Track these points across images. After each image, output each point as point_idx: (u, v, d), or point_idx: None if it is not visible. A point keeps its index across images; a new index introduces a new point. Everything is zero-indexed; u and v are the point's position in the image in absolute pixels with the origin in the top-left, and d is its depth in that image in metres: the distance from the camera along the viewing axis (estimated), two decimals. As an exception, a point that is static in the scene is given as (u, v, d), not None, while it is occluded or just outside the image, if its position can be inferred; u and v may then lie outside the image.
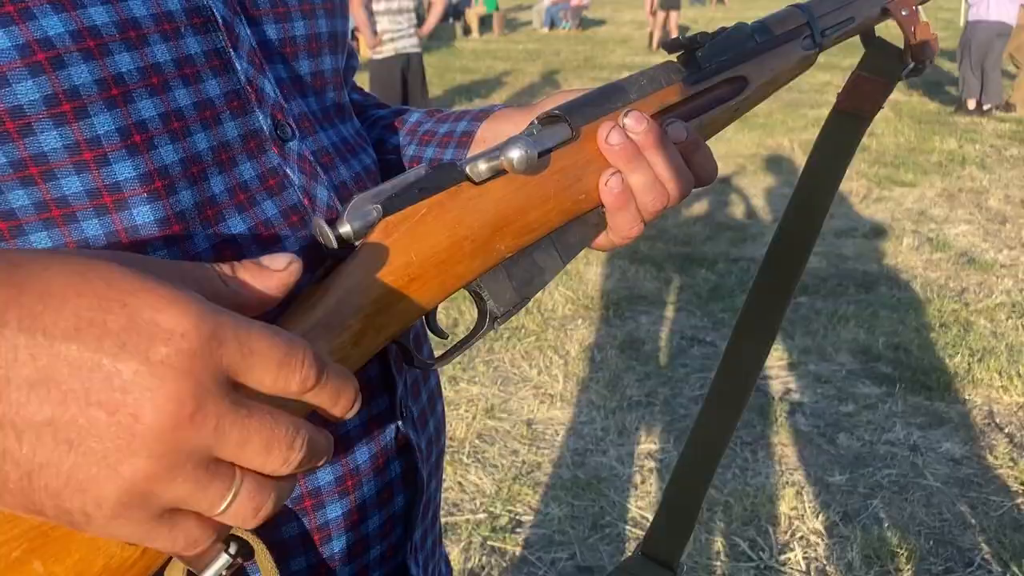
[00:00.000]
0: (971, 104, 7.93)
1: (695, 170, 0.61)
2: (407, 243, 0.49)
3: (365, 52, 6.69)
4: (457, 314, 3.62)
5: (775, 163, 6.41)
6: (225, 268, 0.40)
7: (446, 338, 0.58)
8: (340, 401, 0.39)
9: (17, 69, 0.44)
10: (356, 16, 5.71)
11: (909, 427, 2.85)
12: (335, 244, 0.47)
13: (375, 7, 5.58)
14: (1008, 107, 8.05)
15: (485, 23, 16.82)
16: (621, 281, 4.20)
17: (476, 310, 0.56)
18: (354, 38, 12.85)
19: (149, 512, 0.34)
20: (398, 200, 0.49)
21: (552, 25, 17.39)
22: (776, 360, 3.35)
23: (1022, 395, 3.04)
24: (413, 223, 0.49)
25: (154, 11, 0.48)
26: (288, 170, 0.56)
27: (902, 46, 0.75)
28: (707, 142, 0.64)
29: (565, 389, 3.15)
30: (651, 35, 13.68)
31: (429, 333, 0.60)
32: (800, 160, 6.44)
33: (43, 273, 0.33)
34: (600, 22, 18.65)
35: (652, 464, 2.68)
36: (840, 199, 5.46)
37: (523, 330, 3.63)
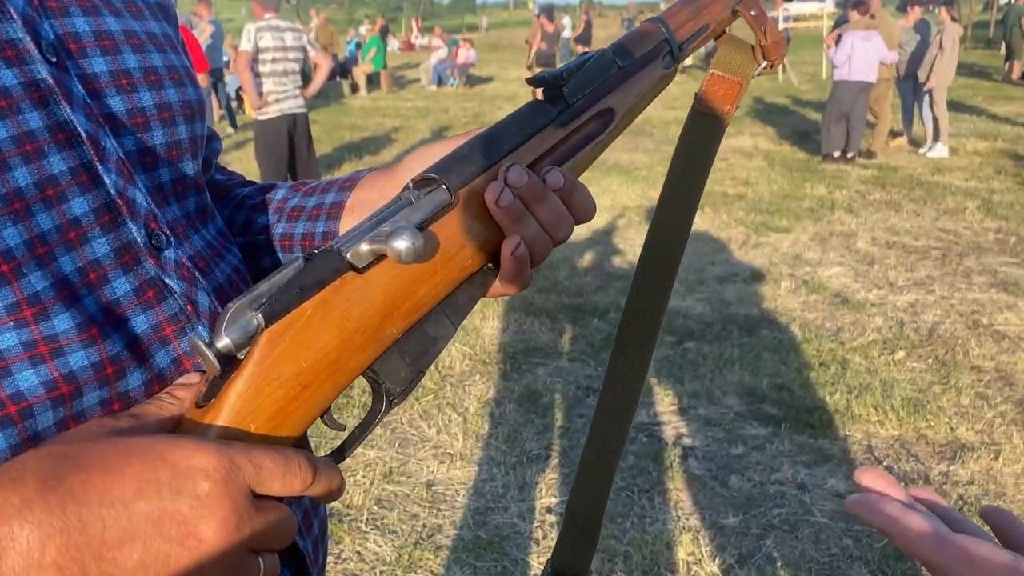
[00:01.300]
0: (835, 153, 8.47)
1: (574, 211, 0.60)
2: (295, 351, 0.46)
3: (251, 113, 6.62)
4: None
5: (660, 213, 6.64)
6: (167, 398, 0.50)
7: (342, 429, 0.54)
8: (332, 490, 0.49)
9: None
10: (242, 78, 5.66)
11: (796, 465, 2.96)
12: (216, 363, 0.45)
13: (261, 69, 5.54)
14: (870, 154, 8.63)
15: (373, 81, 16.90)
16: (517, 334, 4.24)
17: (370, 392, 0.54)
18: (239, 98, 12.67)
19: None
20: (278, 304, 0.46)
21: (440, 83, 17.64)
22: (668, 406, 3.43)
23: (896, 428, 3.21)
24: (299, 328, 0.46)
25: (15, 132, 0.47)
26: (167, 279, 0.55)
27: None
28: (590, 190, 0.62)
29: (464, 447, 3.13)
30: (534, 92, 14.05)
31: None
32: (683, 209, 6.70)
33: (95, 457, 0.42)
34: (487, 79, 19.05)
35: (553, 519, 2.68)
36: (721, 246, 5.70)
37: (421, 389, 3.60)
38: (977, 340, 4.04)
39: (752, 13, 0.72)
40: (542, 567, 2.55)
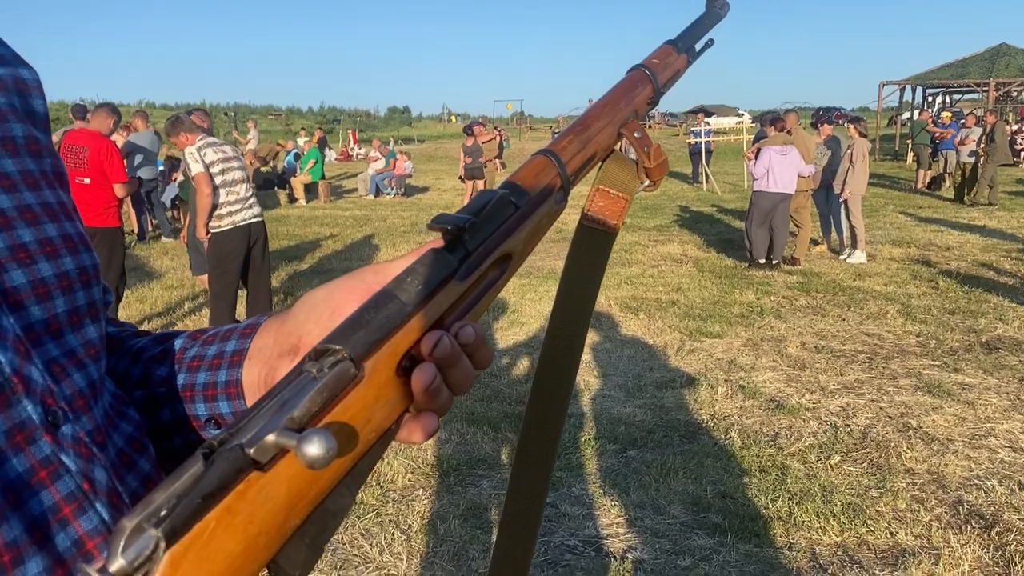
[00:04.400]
0: (761, 260, 8.81)
1: (476, 362, 0.58)
2: (198, 568, 0.42)
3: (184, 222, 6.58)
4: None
5: (596, 320, 6.75)
6: None
7: None
8: None
9: None
10: (204, 203, 5.54)
11: (743, 576, 2.95)
12: None
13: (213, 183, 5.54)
14: (793, 261, 9.00)
15: (311, 191, 17.04)
16: (460, 445, 4.19)
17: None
18: (175, 207, 12.58)
19: None
20: (179, 518, 0.42)
21: (377, 192, 17.88)
22: (614, 518, 3.41)
23: (839, 534, 3.25)
24: (202, 544, 0.42)
25: None
26: (63, 456, 0.53)
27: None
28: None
29: (409, 568, 3.04)
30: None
31: None
32: (619, 316, 6.84)
33: None
34: (424, 189, 19.39)
35: (503, 641, 2.60)
36: (657, 352, 5.81)
37: (362, 506, 3.51)
38: (908, 443, 4.15)
39: (636, 136, 0.73)
40: None
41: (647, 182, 0.75)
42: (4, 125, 0.62)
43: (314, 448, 0.42)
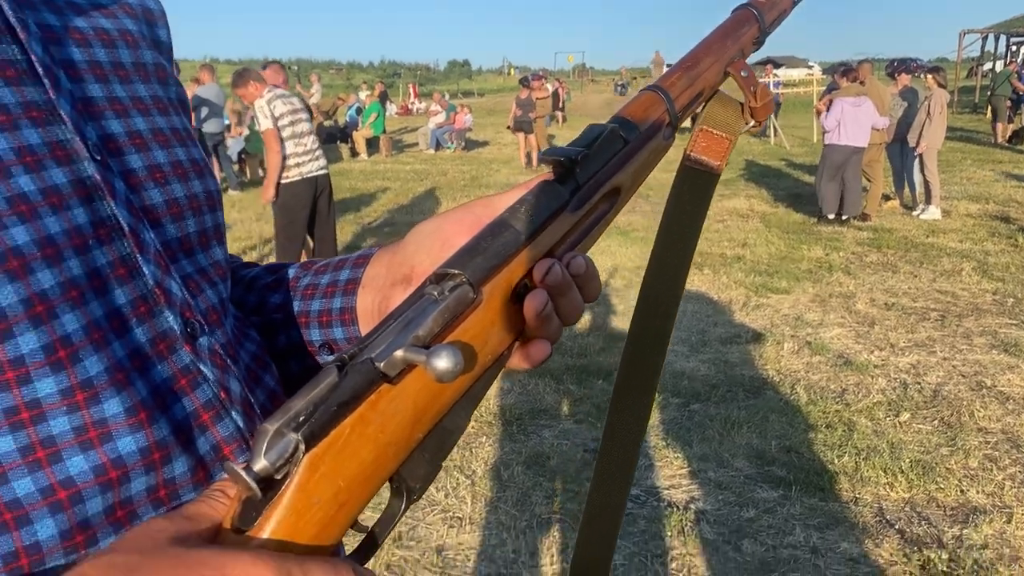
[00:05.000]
0: (831, 215, 8.59)
1: (586, 296, 0.59)
2: (334, 472, 0.44)
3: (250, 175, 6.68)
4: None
5: (659, 274, 6.69)
6: (219, 495, 0.46)
7: (367, 531, 0.52)
8: None
9: None
10: (274, 160, 5.64)
11: (808, 529, 2.94)
12: (256, 489, 0.42)
13: (281, 135, 5.63)
14: (864, 217, 8.75)
15: (372, 145, 17.15)
16: (522, 395, 4.23)
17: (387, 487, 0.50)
18: (240, 161, 12.78)
19: None
20: (317, 424, 0.44)
21: (438, 146, 17.91)
22: (677, 469, 3.42)
23: (906, 491, 3.20)
24: (338, 449, 0.45)
25: (66, 226, 0.50)
26: (202, 366, 0.57)
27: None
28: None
29: (474, 511, 3.11)
30: (528, 155, 14.64)
31: None
32: (682, 271, 6.76)
33: (156, 567, 0.40)
34: (484, 143, 19.34)
35: (566, 584, 2.65)
36: (722, 307, 5.74)
37: (427, 452, 3.59)
38: (982, 402, 4.05)
39: (743, 75, 0.72)
40: (558, 635, 2.50)
41: (751, 122, 0.74)
42: (136, 52, 0.64)
43: (443, 362, 0.45)
